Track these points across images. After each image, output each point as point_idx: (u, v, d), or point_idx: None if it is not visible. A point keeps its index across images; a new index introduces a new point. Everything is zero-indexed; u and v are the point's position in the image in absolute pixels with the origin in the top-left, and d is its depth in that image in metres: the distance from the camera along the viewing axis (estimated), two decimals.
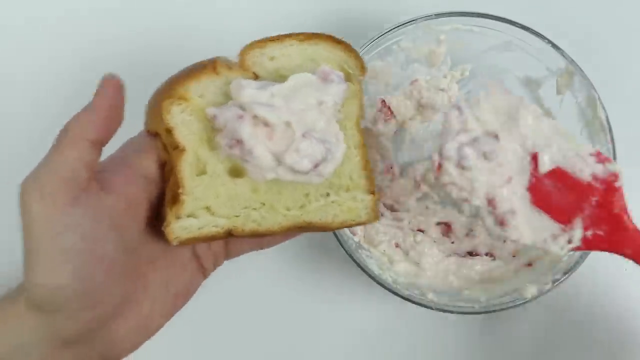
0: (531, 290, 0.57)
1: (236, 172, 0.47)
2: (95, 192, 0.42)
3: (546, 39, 0.58)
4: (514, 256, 0.62)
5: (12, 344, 0.42)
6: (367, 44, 0.58)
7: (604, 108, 0.57)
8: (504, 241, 0.63)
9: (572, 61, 0.58)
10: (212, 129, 0.46)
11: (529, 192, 0.49)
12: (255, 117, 0.44)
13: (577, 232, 0.49)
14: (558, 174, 0.49)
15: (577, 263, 0.56)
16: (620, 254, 0.49)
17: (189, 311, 0.65)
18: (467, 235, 0.64)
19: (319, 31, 0.47)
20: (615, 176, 0.48)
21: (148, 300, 0.46)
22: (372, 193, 0.49)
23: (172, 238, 0.45)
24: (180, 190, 0.45)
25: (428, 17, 0.58)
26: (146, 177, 0.45)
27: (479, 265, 0.62)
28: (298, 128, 0.45)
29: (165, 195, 0.46)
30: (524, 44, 0.59)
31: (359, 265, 0.56)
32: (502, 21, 0.58)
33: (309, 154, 0.45)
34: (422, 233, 0.63)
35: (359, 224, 0.50)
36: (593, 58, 0.60)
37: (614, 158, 0.57)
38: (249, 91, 0.44)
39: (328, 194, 0.49)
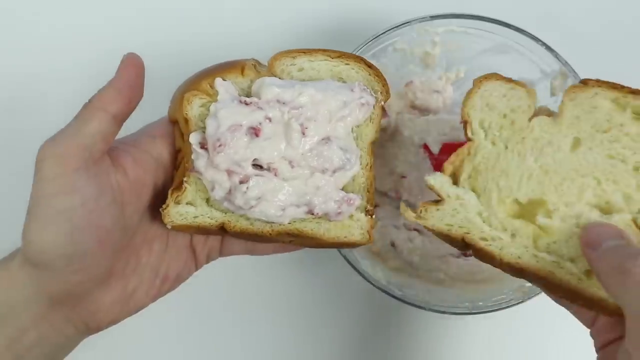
0: (525, 291, 0.57)
1: None
2: (106, 166, 0.44)
3: (540, 41, 0.58)
4: None
5: (4, 303, 0.44)
6: (362, 45, 0.58)
7: None
8: None
9: (565, 63, 0.58)
10: None
11: (436, 172, 0.57)
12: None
13: None
14: (447, 147, 0.60)
15: None
16: None
17: (185, 309, 0.65)
18: None
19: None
20: None
21: (136, 278, 0.48)
22: (371, 215, 0.49)
23: (167, 221, 0.47)
24: (185, 179, 0.47)
25: (423, 19, 0.59)
26: (157, 160, 0.48)
27: (473, 265, 0.62)
28: (319, 132, 0.46)
29: (174, 180, 0.48)
30: (518, 46, 0.60)
31: (351, 264, 0.57)
32: (496, 23, 0.59)
33: (329, 158, 0.46)
34: (417, 232, 0.64)
35: (351, 243, 0.49)
36: (587, 60, 0.60)
37: None
38: (274, 89, 0.46)
39: None
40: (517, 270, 0.46)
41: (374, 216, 0.49)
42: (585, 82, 0.46)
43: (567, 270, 0.45)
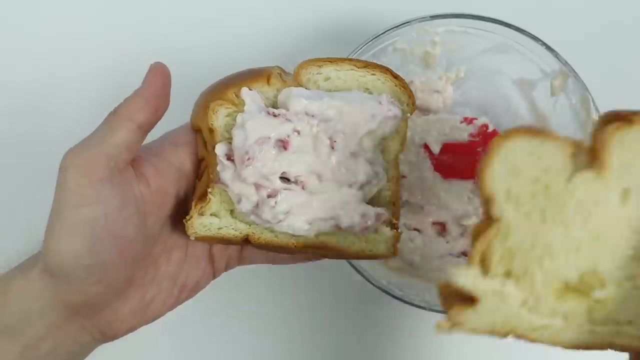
0: None
1: None
2: (129, 176, 0.44)
3: (540, 41, 0.58)
4: None
5: (21, 311, 0.43)
6: (362, 45, 0.58)
7: (597, 109, 0.58)
8: None
9: (566, 63, 0.58)
10: None
11: (437, 172, 0.61)
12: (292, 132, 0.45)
13: None
14: (448, 147, 0.61)
15: None
16: None
17: (188, 307, 0.65)
18: (462, 235, 0.64)
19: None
20: (485, 126, 0.61)
21: (154, 287, 0.48)
22: (396, 228, 0.48)
23: (190, 232, 0.46)
24: (209, 189, 0.46)
25: (423, 19, 0.59)
26: (179, 170, 0.47)
27: None
28: (347, 145, 0.45)
29: (195, 190, 0.47)
30: (518, 46, 0.59)
31: (352, 264, 0.57)
32: (496, 23, 0.59)
33: (356, 172, 0.46)
34: (417, 232, 0.64)
35: (375, 256, 0.48)
36: (587, 60, 0.60)
37: None
38: (302, 101, 0.45)
39: None
40: (570, 348, 0.41)
41: (399, 230, 0.48)
42: (626, 118, 0.36)
43: (626, 334, 0.39)
